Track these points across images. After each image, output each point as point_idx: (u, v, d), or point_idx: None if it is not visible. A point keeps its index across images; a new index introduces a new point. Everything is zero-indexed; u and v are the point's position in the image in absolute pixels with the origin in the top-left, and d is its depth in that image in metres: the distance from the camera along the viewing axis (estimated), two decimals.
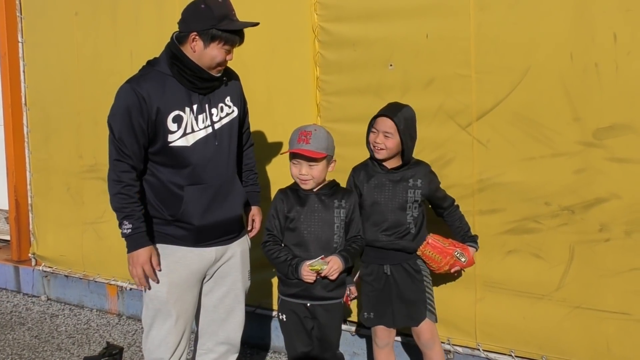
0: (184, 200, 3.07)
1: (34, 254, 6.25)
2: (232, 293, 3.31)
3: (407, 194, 3.41)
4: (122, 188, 3.01)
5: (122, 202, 3.01)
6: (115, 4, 5.28)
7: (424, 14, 3.83)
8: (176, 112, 3.04)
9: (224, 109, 3.21)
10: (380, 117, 3.39)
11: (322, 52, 4.25)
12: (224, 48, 3.04)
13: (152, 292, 3.12)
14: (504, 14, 3.59)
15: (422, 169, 3.47)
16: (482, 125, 3.71)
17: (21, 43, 6.12)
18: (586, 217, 3.47)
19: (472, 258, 3.52)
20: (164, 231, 3.14)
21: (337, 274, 3.25)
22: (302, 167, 3.27)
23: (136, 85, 3.00)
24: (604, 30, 3.34)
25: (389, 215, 3.42)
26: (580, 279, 3.52)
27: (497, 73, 3.63)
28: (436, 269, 3.49)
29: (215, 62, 3.05)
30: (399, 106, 3.44)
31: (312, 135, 3.24)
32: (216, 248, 3.21)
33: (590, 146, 3.43)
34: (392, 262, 3.45)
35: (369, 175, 3.49)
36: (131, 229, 2.99)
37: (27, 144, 6.19)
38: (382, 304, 3.48)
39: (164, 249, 3.14)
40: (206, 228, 3.13)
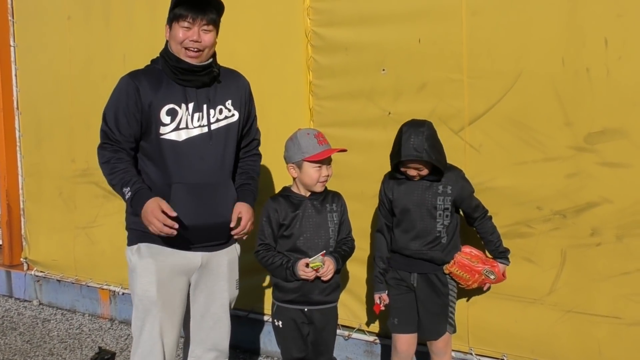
0: (171, 198, 3.01)
1: (26, 259, 6.23)
2: (218, 302, 3.24)
3: (437, 201, 3.37)
4: (112, 164, 3.01)
5: (116, 175, 3.00)
6: (108, 8, 5.27)
7: (416, 18, 3.84)
8: (171, 105, 3.05)
9: (223, 111, 3.18)
10: (410, 162, 3.29)
11: (314, 57, 4.26)
12: (182, 26, 3.02)
13: (140, 292, 3.08)
14: (495, 18, 3.60)
15: (453, 175, 3.41)
16: (474, 130, 3.72)
17: (13, 47, 6.11)
18: (578, 221, 3.48)
19: (502, 274, 3.48)
20: (147, 230, 3.03)
21: (332, 275, 3.25)
22: (323, 169, 3.28)
23: (134, 76, 3.08)
24: (595, 35, 3.35)
25: (418, 222, 3.39)
26: (572, 283, 3.53)
27: (489, 78, 3.64)
28: (465, 286, 3.47)
29: (178, 42, 3.03)
30: (419, 136, 3.26)
31: (324, 136, 3.32)
32: (202, 253, 3.15)
33: (581, 151, 3.44)
34: (419, 270, 3.42)
35: (399, 182, 3.47)
36: (130, 191, 2.96)
37: (19, 148, 6.18)
38: (408, 312, 3.47)
39: (150, 248, 3.09)
40: (195, 230, 3.07)
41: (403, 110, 3.82)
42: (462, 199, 3.41)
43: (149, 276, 3.07)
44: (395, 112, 3.93)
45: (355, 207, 3.63)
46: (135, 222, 3.09)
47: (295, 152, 3.28)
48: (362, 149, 4.07)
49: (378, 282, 3.54)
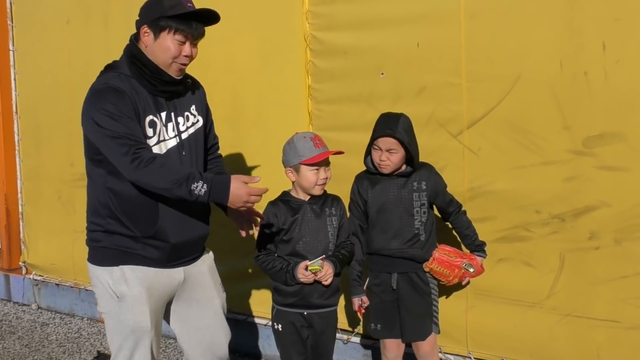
0: (159, 216, 2.85)
1: (25, 262, 6.23)
2: (211, 311, 3.13)
3: (413, 198, 3.39)
4: (162, 167, 2.69)
5: (172, 174, 2.69)
6: (107, 12, 5.28)
7: (415, 22, 3.85)
8: (150, 116, 2.84)
9: (190, 118, 3.02)
10: (382, 137, 3.34)
11: (313, 61, 4.27)
12: (175, 39, 2.79)
13: (134, 323, 2.88)
14: (494, 22, 3.61)
15: (425, 170, 3.44)
16: (472, 134, 3.72)
17: (12, 51, 6.12)
18: (576, 225, 3.48)
19: (480, 267, 3.48)
20: (130, 250, 2.87)
21: (331, 279, 3.25)
22: (321, 171, 3.27)
23: (111, 84, 2.77)
24: (593, 39, 3.36)
25: (396, 221, 3.39)
26: (571, 287, 3.53)
27: (487, 81, 3.65)
28: (446, 282, 3.47)
29: (168, 56, 2.80)
30: (395, 118, 3.38)
31: (321, 138, 3.31)
32: (184, 268, 3.02)
33: (580, 154, 3.44)
34: (400, 270, 3.42)
35: (372, 182, 3.47)
36: (203, 182, 2.67)
37: (18, 152, 6.18)
38: (390, 317, 3.46)
39: (136, 272, 2.88)
40: (180, 246, 2.94)
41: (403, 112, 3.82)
42: (436, 193, 3.43)
43: (141, 306, 2.88)
44: None
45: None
46: (112, 241, 2.88)
47: (293, 156, 3.28)
48: (361, 152, 4.03)
49: (356, 285, 3.49)
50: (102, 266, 2.92)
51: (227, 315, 3.25)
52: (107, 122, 2.71)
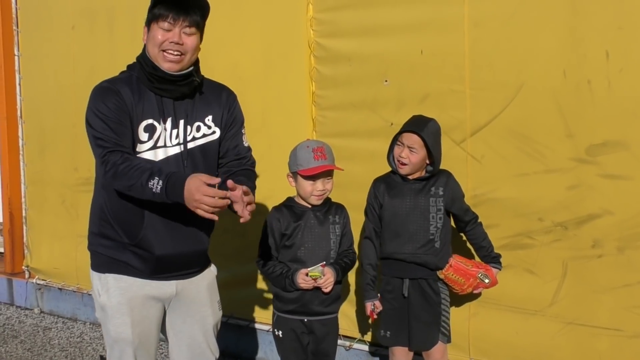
0: (144, 224, 2.75)
1: (28, 267, 6.24)
2: (202, 329, 3.01)
3: (429, 203, 3.38)
4: (126, 169, 2.57)
5: (134, 174, 2.55)
6: (112, 18, 5.30)
7: (419, 30, 3.86)
8: (150, 120, 2.74)
9: (202, 128, 2.87)
10: (407, 133, 3.35)
11: (317, 67, 4.28)
12: (160, 27, 2.71)
13: (114, 333, 2.83)
14: (498, 31, 3.62)
15: (443, 176, 3.43)
16: (476, 141, 3.73)
17: (17, 56, 6.13)
18: (579, 233, 3.49)
19: (496, 279, 3.47)
20: (118, 258, 2.81)
21: (332, 286, 3.26)
22: (318, 183, 3.27)
23: (112, 84, 2.75)
24: (597, 47, 3.37)
25: (410, 225, 3.38)
26: (573, 294, 3.53)
27: (491, 89, 3.66)
28: (459, 291, 3.46)
29: (156, 44, 2.72)
30: (424, 120, 3.40)
31: (325, 150, 3.27)
32: (177, 282, 2.90)
33: (583, 162, 3.45)
34: (412, 276, 3.41)
35: (389, 186, 3.47)
36: (160, 180, 2.50)
37: (22, 157, 6.19)
38: (399, 324, 3.45)
39: (119, 281, 2.82)
40: (166, 259, 2.81)
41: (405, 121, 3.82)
42: (452, 200, 3.42)
43: (121, 317, 2.82)
44: (398, 122, 3.92)
45: (357, 217, 3.63)
46: (102, 245, 2.84)
47: (293, 163, 3.31)
48: (364, 159, 4.09)
49: (370, 289, 3.49)
50: (96, 271, 2.90)
51: (229, 321, 3.24)
52: (95, 122, 2.69)
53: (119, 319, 2.83)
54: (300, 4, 4.31)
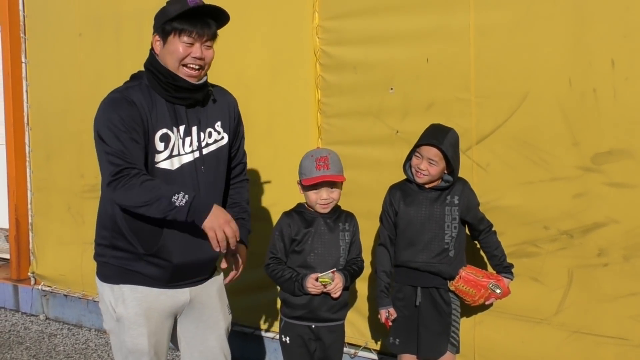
0: (163, 233, 2.75)
1: (34, 273, 6.25)
2: (215, 334, 3.03)
3: (445, 212, 3.38)
4: (142, 185, 2.58)
5: (154, 190, 2.59)
6: (119, 26, 5.33)
7: (425, 38, 3.87)
8: (164, 130, 2.75)
9: (213, 134, 2.90)
10: (426, 146, 3.33)
11: (323, 75, 4.29)
12: (182, 41, 2.72)
13: (131, 345, 2.82)
14: (503, 39, 3.62)
15: (459, 185, 3.43)
16: (481, 149, 3.73)
17: (24, 63, 6.16)
18: (585, 241, 3.48)
19: (507, 289, 3.45)
20: (131, 268, 2.80)
21: (340, 292, 3.26)
22: (322, 192, 3.27)
23: (125, 93, 2.74)
24: (602, 56, 3.37)
25: (425, 234, 3.38)
26: (579, 303, 3.52)
27: (496, 97, 3.66)
28: (471, 302, 3.45)
29: (177, 58, 2.73)
30: (443, 131, 3.38)
31: (329, 160, 3.25)
32: (190, 288, 2.91)
33: (588, 171, 3.44)
34: (425, 284, 3.40)
35: (405, 194, 3.47)
36: (186, 195, 2.56)
37: (28, 163, 6.22)
38: (409, 332, 3.44)
39: (134, 292, 2.81)
40: (184, 267, 2.83)
41: (411, 129, 3.83)
42: (468, 209, 3.41)
43: (138, 328, 2.82)
44: (403, 130, 3.95)
45: (363, 225, 3.63)
46: (114, 257, 2.83)
47: (299, 172, 3.33)
48: (370, 167, 4.09)
49: (384, 297, 3.48)
50: (106, 282, 2.88)
51: (235, 328, 3.24)
52: (108, 136, 2.66)
53: (136, 330, 2.82)
54: (306, 12, 4.33)
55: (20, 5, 6.12)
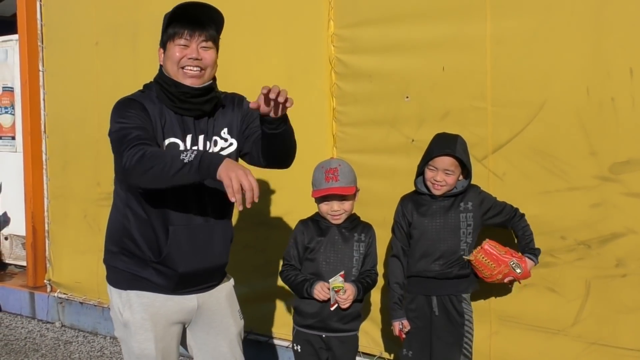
0: (168, 242, 2.75)
1: (50, 280, 6.28)
2: (227, 340, 3.01)
3: (460, 219, 3.37)
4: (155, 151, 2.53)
5: (164, 154, 2.52)
6: (136, 35, 5.36)
7: (441, 47, 3.85)
8: (172, 139, 2.76)
9: (219, 142, 2.88)
10: (440, 157, 3.32)
11: (338, 84, 4.29)
12: (177, 44, 2.72)
13: (138, 350, 2.82)
14: (520, 48, 3.61)
15: (472, 191, 3.42)
16: (497, 158, 3.71)
17: (42, 72, 6.21)
18: (602, 252, 3.45)
19: (528, 270, 3.36)
20: (139, 274, 2.80)
21: (350, 303, 3.24)
22: (333, 204, 3.27)
23: (136, 98, 2.77)
24: (621, 64, 3.34)
25: (441, 244, 3.37)
26: (597, 314, 3.48)
27: (513, 106, 3.64)
28: (488, 276, 3.37)
29: (174, 62, 2.73)
30: (452, 138, 3.38)
31: (339, 172, 3.24)
32: (198, 295, 2.91)
33: (606, 181, 3.41)
34: (440, 293, 3.39)
35: (418, 204, 3.46)
36: (194, 152, 2.44)
37: (45, 171, 6.25)
38: (422, 343, 3.43)
39: (141, 297, 2.81)
40: (189, 275, 2.82)
41: (426, 137, 3.80)
42: (485, 210, 3.40)
43: (145, 333, 2.82)
44: (419, 139, 3.93)
45: (379, 234, 3.61)
46: (123, 262, 2.84)
47: (311, 182, 3.33)
48: (385, 176, 4.08)
49: (397, 309, 3.46)
50: (115, 288, 2.89)
51: (249, 336, 3.22)
52: (119, 124, 2.66)
53: (143, 335, 2.82)
54: (321, 20, 4.33)
55: (38, 14, 6.16)
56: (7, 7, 7.92)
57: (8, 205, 7.05)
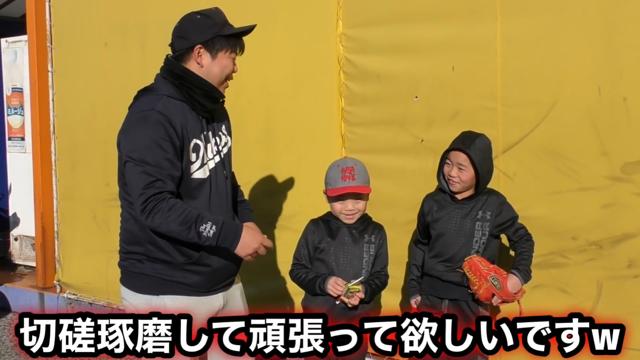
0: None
1: (59, 281, 6.29)
2: None
3: (475, 227, 3.34)
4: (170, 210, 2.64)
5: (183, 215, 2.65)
6: (144, 36, 5.36)
7: (450, 46, 3.83)
8: (195, 140, 2.82)
9: (222, 138, 3.02)
10: (454, 151, 3.32)
11: (347, 84, 4.27)
12: (231, 57, 2.85)
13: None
14: (530, 47, 3.58)
15: (494, 200, 3.37)
16: (508, 158, 3.69)
17: (51, 73, 6.21)
18: (614, 252, 3.42)
19: (507, 289, 3.24)
20: (171, 278, 2.83)
21: (357, 302, 3.22)
22: (348, 204, 3.25)
23: (162, 112, 2.71)
24: (632, 64, 3.32)
25: (452, 247, 3.36)
26: (609, 315, 3.45)
27: (523, 106, 3.62)
28: (475, 291, 3.32)
29: (225, 74, 2.86)
30: (472, 136, 3.36)
31: (355, 171, 3.22)
32: (223, 293, 2.98)
33: (618, 181, 3.39)
34: (451, 296, 3.38)
35: (439, 205, 3.45)
36: (213, 224, 2.66)
37: (54, 172, 6.25)
38: None
39: (176, 302, 2.82)
40: (222, 270, 2.91)
41: (435, 137, 3.81)
42: (499, 224, 3.36)
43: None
44: (428, 139, 3.92)
45: (388, 234, 3.60)
46: (153, 269, 2.84)
47: (325, 181, 3.31)
48: (394, 176, 4.06)
49: (412, 287, 3.56)
50: (143, 294, 2.87)
51: None
52: (139, 155, 2.68)
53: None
54: (330, 20, 4.32)
55: (47, 15, 6.16)
56: (17, 8, 7.94)
57: (18, 206, 7.06)
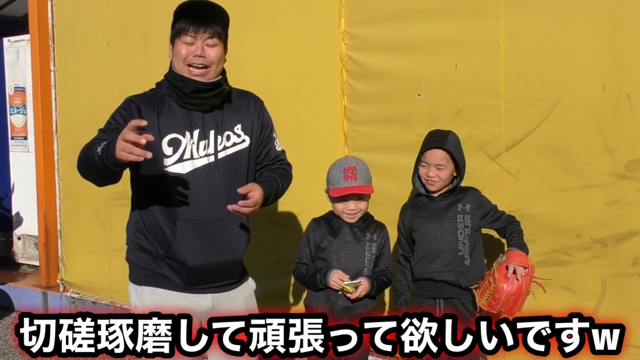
0: (176, 235, 2.76)
1: (62, 280, 6.29)
2: None
3: (457, 219, 3.34)
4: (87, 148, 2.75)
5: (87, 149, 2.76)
6: (147, 35, 5.35)
7: (453, 44, 3.82)
8: (173, 135, 2.77)
9: (231, 137, 2.88)
10: (431, 150, 3.31)
11: (349, 82, 4.26)
12: (183, 41, 2.76)
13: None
14: (534, 45, 3.57)
15: (471, 193, 3.40)
16: (511, 156, 3.68)
17: (53, 72, 6.21)
18: (618, 250, 3.41)
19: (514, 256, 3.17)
20: (154, 270, 2.82)
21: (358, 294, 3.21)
22: (350, 203, 3.25)
23: (136, 99, 2.85)
24: (637, 61, 3.31)
25: (439, 243, 3.34)
26: (613, 313, 3.44)
27: (527, 104, 3.60)
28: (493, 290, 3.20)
29: (181, 59, 2.77)
30: (443, 133, 3.37)
31: (357, 170, 3.23)
32: (212, 295, 2.87)
33: (622, 178, 3.38)
34: (444, 295, 3.36)
35: (417, 208, 3.45)
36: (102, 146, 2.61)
37: (57, 171, 6.26)
38: None
39: (154, 294, 2.82)
40: (200, 269, 2.81)
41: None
42: (483, 214, 3.37)
43: None
44: None
45: (390, 233, 3.60)
46: (139, 258, 2.87)
47: (326, 180, 3.31)
48: (397, 174, 4.05)
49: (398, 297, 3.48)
50: (133, 284, 2.91)
51: None
52: (105, 125, 2.88)
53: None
54: (332, 18, 4.31)
55: (49, 14, 6.16)
56: (19, 7, 7.94)
57: (21, 205, 7.07)
